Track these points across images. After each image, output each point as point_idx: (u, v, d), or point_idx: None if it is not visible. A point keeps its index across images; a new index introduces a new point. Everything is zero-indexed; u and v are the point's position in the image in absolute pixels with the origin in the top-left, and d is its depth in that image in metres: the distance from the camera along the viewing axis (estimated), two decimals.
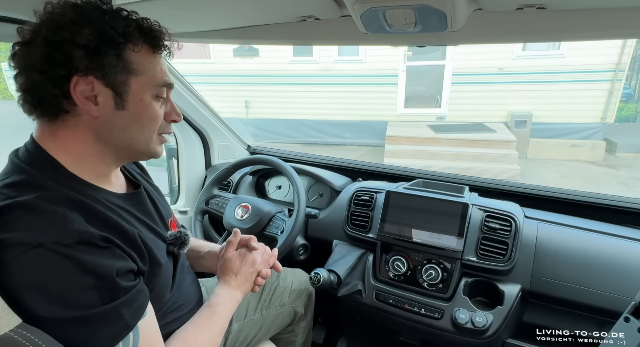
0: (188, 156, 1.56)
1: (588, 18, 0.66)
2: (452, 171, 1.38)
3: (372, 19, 0.73)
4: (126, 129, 0.61)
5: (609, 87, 5.52)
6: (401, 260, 1.06)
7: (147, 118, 0.62)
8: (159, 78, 0.62)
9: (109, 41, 0.56)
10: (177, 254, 0.72)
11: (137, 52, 0.59)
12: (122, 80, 0.58)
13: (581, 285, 0.91)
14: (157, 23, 0.63)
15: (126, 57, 0.58)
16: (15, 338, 0.40)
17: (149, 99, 0.61)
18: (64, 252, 0.48)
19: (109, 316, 0.51)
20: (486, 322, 0.91)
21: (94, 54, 0.55)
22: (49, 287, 0.47)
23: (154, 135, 0.65)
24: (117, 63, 0.57)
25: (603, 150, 5.49)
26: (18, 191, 0.52)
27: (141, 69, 0.60)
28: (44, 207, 0.50)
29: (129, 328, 0.53)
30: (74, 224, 0.50)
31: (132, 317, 0.54)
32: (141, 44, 0.60)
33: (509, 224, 0.99)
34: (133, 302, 0.54)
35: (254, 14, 0.87)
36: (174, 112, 0.68)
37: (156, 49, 0.62)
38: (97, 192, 0.59)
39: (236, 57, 6.73)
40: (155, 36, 0.62)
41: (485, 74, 5.92)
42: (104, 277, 0.51)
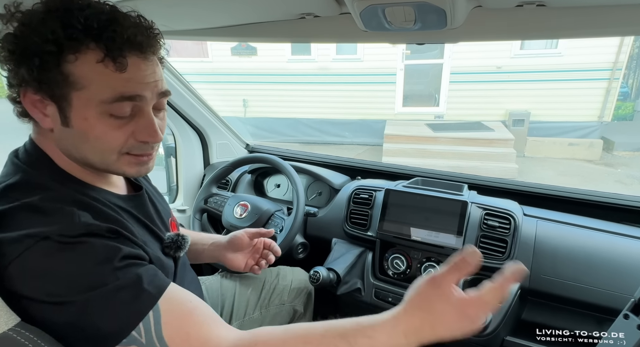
0: (186, 155, 1.56)
1: (587, 15, 0.66)
2: (450, 170, 1.38)
3: (371, 16, 0.73)
4: (78, 148, 0.55)
5: (606, 86, 5.54)
6: (400, 258, 1.06)
7: (94, 139, 0.53)
8: (108, 92, 0.51)
9: (37, 50, 0.48)
10: (175, 256, 0.70)
11: (76, 63, 0.49)
12: (61, 94, 0.50)
13: (580, 282, 0.91)
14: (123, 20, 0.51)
15: (62, 68, 0.49)
16: (14, 337, 0.40)
17: (95, 117, 0.52)
18: (72, 242, 0.47)
19: (129, 286, 0.48)
20: (485, 320, 0.91)
21: (25, 65, 0.49)
22: (60, 275, 0.46)
23: (112, 157, 0.55)
24: (51, 76, 0.49)
25: (600, 148, 5.52)
26: (22, 192, 0.51)
27: (82, 82, 0.50)
28: (50, 207, 0.49)
29: (153, 298, 0.49)
30: (81, 218, 0.50)
31: (155, 286, 0.50)
32: (84, 52, 0.49)
33: (508, 222, 0.99)
34: (151, 275, 0.52)
35: (253, 12, 0.86)
36: (145, 131, 0.55)
37: (109, 60, 0.50)
38: (98, 193, 0.58)
39: (234, 56, 6.72)
40: (106, 43, 0.49)
41: (483, 72, 5.94)
42: (116, 256, 0.49)
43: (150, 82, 0.55)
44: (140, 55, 0.53)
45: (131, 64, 0.52)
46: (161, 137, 0.59)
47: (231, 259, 0.91)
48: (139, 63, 0.53)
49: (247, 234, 0.91)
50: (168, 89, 0.60)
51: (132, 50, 0.52)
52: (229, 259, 0.91)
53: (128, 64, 0.51)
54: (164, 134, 0.67)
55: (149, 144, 0.58)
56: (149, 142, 0.57)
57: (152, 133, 0.56)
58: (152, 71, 0.55)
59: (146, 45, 0.54)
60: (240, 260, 0.91)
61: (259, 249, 0.94)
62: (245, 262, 0.92)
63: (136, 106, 0.54)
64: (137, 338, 0.47)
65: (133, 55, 0.52)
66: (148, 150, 0.59)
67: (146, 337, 0.47)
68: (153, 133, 0.56)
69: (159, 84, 0.57)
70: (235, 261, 0.91)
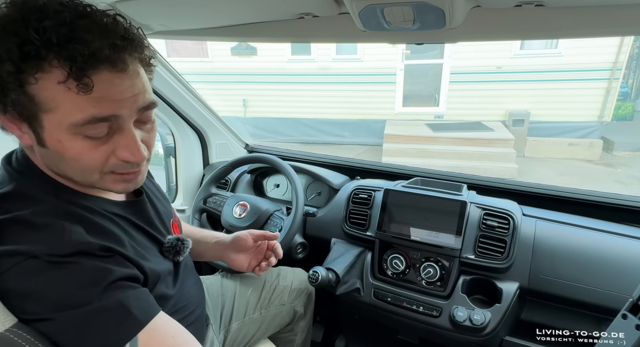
0: (186, 155, 1.56)
1: (587, 15, 0.66)
2: (450, 170, 1.38)
3: (370, 16, 0.73)
4: (59, 166, 0.51)
5: (606, 86, 5.54)
6: (399, 258, 1.06)
7: (71, 160, 0.49)
8: (78, 115, 0.46)
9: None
10: (173, 260, 0.70)
11: (45, 84, 0.44)
12: (30, 115, 0.46)
13: (579, 282, 0.91)
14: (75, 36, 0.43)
15: (26, 89, 0.44)
16: (11, 337, 0.40)
17: (68, 139, 0.47)
18: (60, 262, 0.46)
19: (113, 309, 0.46)
20: (484, 320, 0.91)
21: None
22: (45, 294, 0.45)
23: (94, 176, 0.52)
24: (17, 96, 0.44)
25: (600, 148, 5.52)
26: (15, 203, 0.49)
27: (50, 104, 0.45)
28: (41, 221, 0.48)
29: (139, 325, 0.47)
30: (72, 235, 0.48)
31: (142, 313, 0.48)
32: (47, 69, 0.44)
33: (507, 222, 0.99)
34: (140, 299, 0.50)
35: (252, 12, 0.86)
36: (128, 150, 0.51)
37: (73, 80, 0.44)
38: (93, 202, 0.56)
39: (234, 56, 6.72)
40: (68, 60, 0.43)
41: (483, 72, 5.94)
42: (105, 276, 0.48)
43: (127, 98, 0.49)
44: (112, 69, 0.47)
45: (101, 81, 0.46)
46: (144, 156, 0.53)
47: (234, 259, 0.90)
48: (111, 79, 0.47)
49: (252, 235, 0.90)
50: (153, 100, 0.54)
51: (100, 66, 0.45)
52: (231, 259, 0.91)
53: (96, 83, 0.45)
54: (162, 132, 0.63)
55: (133, 162, 0.53)
56: (132, 162, 0.52)
57: (134, 152, 0.51)
58: (130, 85, 0.49)
59: (117, 57, 0.47)
60: (243, 260, 0.91)
61: (263, 251, 0.93)
62: (248, 262, 0.91)
63: (114, 125, 0.50)
64: None
65: (103, 71, 0.46)
66: (133, 168, 0.54)
67: None
68: (135, 152, 0.51)
69: (139, 99, 0.51)
70: (238, 261, 0.90)
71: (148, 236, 0.64)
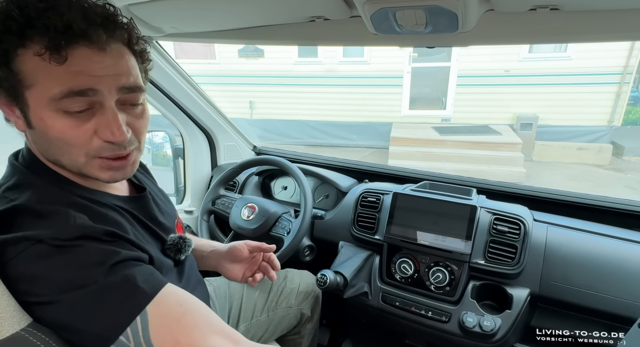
0: (194, 156, 1.56)
1: (602, 19, 0.65)
2: (456, 173, 1.37)
3: (382, 19, 0.72)
4: (48, 150, 0.52)
5: (616, 90, 5.48)
6: (408, 262, 1.05)
7: (55, 140, 0.49)
8: (55, 88, 0.46)
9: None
10: (175, 258, 0.70)
11: (22, 58, 0.46)
12: (17, 94, 0.48)
13: (591, 290, 0.90)
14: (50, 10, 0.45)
15: (13, 65, 0.46)
16: (26, 337, 0.40)
17: (50, 116, 0.48)
18: (65, 245, 0.46)
19: (120, 285, 0.46)
20: (494, 326, 0.90)
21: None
22: (52, 276, 0.45)
23: (80, 160, 0.52)
24: (7, 74, 0.47)
25: (610, 153, 5.45)
26: (19, 194, 0.50)
27: (31, 79, 0.46)
28: (46, 209, 0.48)
29: (147, 297, 0.47)
30: (76, 220, 0.48)
31: (149, 286, 0.48)
32: (27, 46, 0.46)
33: (518, 227, 0.98)
34: (145, 274, 0.50)
35: (263, 15, 0.86)
36: (108, 129, 0.50)
37: (48, 51, 0.45)
38: (96, 195, 0.57)
39: (241, 58, 6.76)
40: (43, 30, 0.45)
41: (491, 76, 5.90)
42: (110, 256, 0.48)
43: (106, 74, 0.49)
44: (90, 45, 0.48)
45: (79, 55, 0.47)
46: (125, 136, 0.52)
47: (228, 269, 0.91)
48: (90, 55, 0.48)
49: (248, 246, 0.90)
50: (138, 84, 0.54)
51: (77, 40, 0.47)
52: (226, 268, 0.91)
53: (74, 57, 0.46)
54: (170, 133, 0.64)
55: (117, 144, 0.52)
56: (114, 142, 0.51)
57: (115, 131, 0.50)
58: (111, 64, 0.50)
59: (95, 33, 0.48)
60: (237, 271, 0.91)
61: (258, 262, 0.93)
62: (243, 273, 0.91)
63: (94, 102, 0.49)
64: (125, 343, 0.44)
65: (81, 46, 0.47)
66: (120, 151, 0.53)
67: (134, 342, 0.45)
68: (116, 131, 0.50)
69: (121, 78, 0.51)
70: (233, 272, 0.91)
71: (150, 232, 0.64)
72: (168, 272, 0.65)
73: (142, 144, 0.59)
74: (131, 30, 0.54)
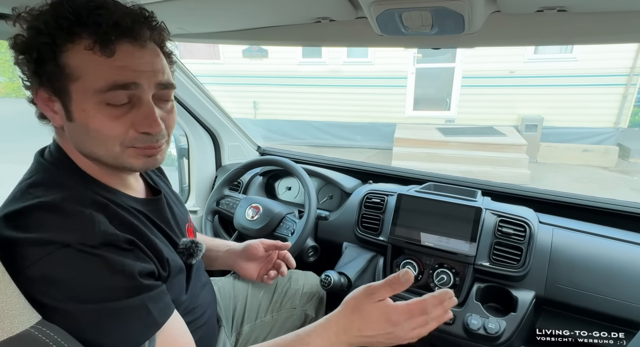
0: (199, 156, 1.57)
1: (610, 21, 0.65)
2: (460, 175, 1.37)
3: (387, 20, 0.72)
4: (85, 142, 0.54)
5: (623, 92, 5.44)
6: (412, 264, 1.05)
7: (95, 131, 0.52)
8: (101, 81, 0.50)
9: (34, 43, 0.49)
10: (186, 262, 0.71)
11: (70, 53, 0.50)
12: (61, 87, 0.51)
13: (597, 293, 0.89)
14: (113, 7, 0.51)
15: (58, 59, 0.50)
16: (35, 334, 0.40)
17: (93, 108, 0.51)
18: (91, 252, 0.48)
19: (137, 309, 0.49)
20: (499, 329, 0.90)
21: (29, 60, 0.51)
22: (76, 284, 0.47)
23: (115, 149, 0.54)
24: (54, 68, 0.50)
25: (616, 155, 5.40)
26: (43, 190, 0.52)
27: (77, 72, 0.50)
28: (70, 209, 0.50)
29: (157, 325, 0.51)
30: (100, 226, 0.50)
31: (160, 314, 0.52)
32: (76, 41, 0.49)
33: (523, 230, 0.97)
34: (159, 301, 0.53)
35: (269, 16, 0.87)
36: (144, 121, 0.54)
37: (97, 46, 0.49)
38: (116, 196, 0.58)
39: (245, 58, 6.78)
40: (94, 29, 0.49)
41: (496, 77, 5.88)
42: (130, 275, 0.50)
43: (146, 70, 0.53)
44: (133, 42, 0.52)
45: (123, 51, 0.51)
46: (161, 128, 0.56)
47: (244, 268, 0.91)
48: (132, 51, 0.52)
49: (263, 245, 0.91)
50: (172, 82, 0.58)
51: (123, 37, 0.51)
52: (242, 267, 0.91)
53: (119, 52, 0.50)
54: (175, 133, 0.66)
55: (152, 135, 0.55)
56: (151, 134, 0.55)
57: (152, 123, 0.54)
58: (150, 60, 0.54)
59: (139, 31, 0.52)
60: (253, 269, 0.92)
61: (272, 260, 0.94)
62: (258, 271, 0.92)
63: (134, 96, 0.53)
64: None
65: (125, 42, 0.51)
66: (152, 142, 0.56)
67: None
68: (153, 123, 0.54)
69: (158, 74, 0.55)
70: (249, 270, 0.92)
71: (164, 235, 0.65)
72: (179, 275, 0.66)
73: (169, 138, 0.61)
74: (163, 31, 0.59)
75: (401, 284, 0.57)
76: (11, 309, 0.40)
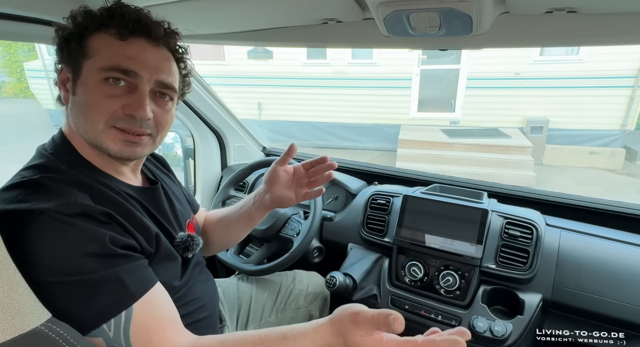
0: (205, 156, 1.58)
1: (620, 22, 0.64)
2: (465, 176, 1.36)
3: (395, 22, 0.72)
4: (77, 117, 0.59)
5: (630, 94, 5.38)
6: (418, 265, 1.04)
7: (88, 104, 0.57)
8: (108, 60, 0.57)
9: (76, 28, 0.58)
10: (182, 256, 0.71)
11: (95, 36, 0.58)
12: (76, 63, 0.58)
13: (605, 296, 0.88)
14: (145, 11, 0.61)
15: (86, 41, 0.58)
16: (45, 332, 0.41)
17: (93, 83, 0.57)
18: (65, 221, 0.49)
19: (110, 281, 0.51)
20: (505, 332, 0.89)
21: (64, 42, 0.59)
22: (50, 253, 0.48)
23: (99, 126, 0.58)
24: (77, 47, 0.58)
25: (623, 158, 5.35)
26: (32, 172, 0.55)
27: (93, 51, 0.57)
28: (51, 185, 0.53)
29: (133, 298, 0.52)
30: (77, 198, 0.52)
31: (137, 286, 0.53)
32: (104, 29, 0.58)
33: (530, 232, 0.97)
34: (136, 273, 0.54)
35: (276, 17, 0.87)
36: (135, 104, 0.58)
37: (117, 33, 0.58)
38: (108, 180, 0.61)
39: (250, 59, 6.80)
40: (120, 20, 0.58)
41: (501, 78, 5.84)
42: (104, 244, 0.51)
43: (150, 65, 0.59)
44: (148, 40, 0.60)
45: (137, 45, 0.59)
46: (147, 115, 0.59)
47: (278, 196, 0.82)
48: (145, 46, 0.60)
49: (277, 162, 0.83)
50: (174, 84, 0.64)
51: (140, 33, 0.59)
52: (276, 198, 0.83)
53: (133, 42, 0.58)
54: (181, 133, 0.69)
55: (136, 119, 0.59)
56: (135, 117, 0.58)
57: (139, 107, 0.58)
58: (158, 59, 0.61)
59: (155, 32, 0.60)
60: (286, 193, 0.82)
61: (302, 174, 0.83)
62: (294, 193, 0.83)
63: (132, 83, 0.58)
64: (105, 331, 0.49)
65: (141, 38, 0.59)
66: (134, 126, 0.59)
67: (114, 333, 0.50)
68: (140, 107, 0.58)
69: (160, 73, 0.61)
70: (283, 197, 0.82)
71: (159, 225, 0.66)
72: (173, 260, 0.66)
73: (158, 137, 0.64)
74: (178, 40, 0.65)
75: (387, 327, 0.47)
76: (22, 306, 0.40)
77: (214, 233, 0.94)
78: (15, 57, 9.00)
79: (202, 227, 0.94)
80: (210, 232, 0.94)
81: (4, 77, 9.44)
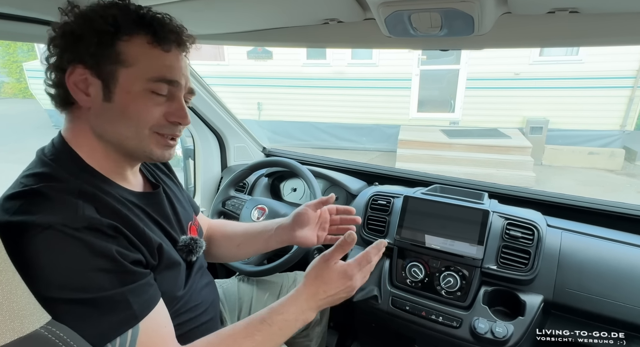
0: (205, 157, 1.57)
1: (622, 22, 0.64)
2: (465, 177, 1.36)
3: (396, 22, 0.72)
4: (114, 123, 0.59)
5: (629, 94, 5.38)
6: (418, 266, 1.04)
7: (133, 112, 0.58)
8: (153, 72, 0.58)
9: (95, 30, 0.55)
10: (186, 260, 0.71)
11: (128, 43, 0.57)
12: (109, 70, 0.57)
13: (607, 297, 0.88)
14: (168, 17, 0.62)
15: (116, 46, 0.56)
16: (45, 335, 0.40)
17: (138, 92, 0.58)
18: (73, 235, 0.49)
19: (117, 302, 0.51)
20: (507, 333, 0.89)
21: (82, 43, 0.56)
22: (57, 268, 0.48)
23: (144, 132, 0.60)
24: (105, 53, 0.56)
25: (622, 158, 5.35)
26: (33, 180, 0.54)
27: (132, 60, 0.57)
28: (55, 195, 0.52)
29: (136, 319, 0.52)
30: (84, 211, 0.51)
31: (141, 308, 0.53)
32: (137, 35, 0.58)
33: (532, 233, 0.96)
34: (142, 293, 0.54)
35: (277, 17, 0.87)
36: (177, 113, 0.62)
37: (157, 42, 0.59)
38: (110, 187, 0.60)
39: (250, 59, 6.79)
40: (156, 29, 0.58)
41: (501, 79, 5.85)
42: (112, 259, 0.51)
43: (185, 74, 0.63)
44: (179, 48, 0.62)
45: (174, 54, 0.61)
46: (189, 121, 0.65)
47: (301, 237, 0.85)
48: (178, 55, 0.62)
49: (309, 206, 0.86)
50: (195, 90, 0.69)
51: (175, 43, 0.61)
52: (298, 237, 0.85)
53: (169, 53, 0.60)
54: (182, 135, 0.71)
55: (177, 126, 0.63)
56: (181, 124, 0.63)
57: (183, 115, 0.63)
58: (185, 67, 0.64)
59: (184, 42, 0.63)
60: (310, 235, 0.86)
61: (326, 219, 0.88)
62: (316, 236, 0.87)
63: (172, 91, 0.61)
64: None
65: (175, 47, 0.61)
66: (176, 132, 0.64)
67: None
68: (183, 115, 0.63)
69: (189, 81, 0.66)
70: (307, 238, 0.85)
71: (162, 230, 0.66)
72: (176, 269, 0.66)
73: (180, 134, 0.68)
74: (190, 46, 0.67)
75: (348, 244, 0.68)
76: (22, 309, 0.40)
77: (222, 246, 0.93)
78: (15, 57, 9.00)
79: (208, 236, 0.94)
80: (218, 245, 0.93)
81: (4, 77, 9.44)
